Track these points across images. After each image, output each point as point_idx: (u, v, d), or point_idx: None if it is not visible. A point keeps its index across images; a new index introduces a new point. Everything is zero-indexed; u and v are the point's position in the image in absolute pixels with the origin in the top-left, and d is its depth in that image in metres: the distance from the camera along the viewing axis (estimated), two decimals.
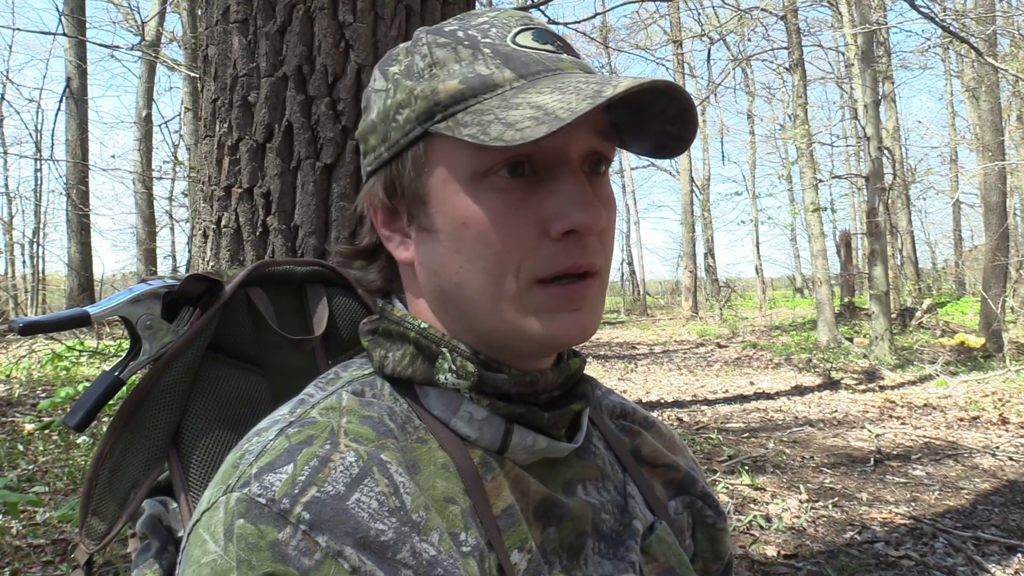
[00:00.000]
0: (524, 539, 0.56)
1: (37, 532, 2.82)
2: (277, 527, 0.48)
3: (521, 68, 0.55)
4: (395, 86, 0.59)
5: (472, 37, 0.57)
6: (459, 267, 0.56)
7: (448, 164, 0.56)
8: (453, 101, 0.55)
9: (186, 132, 11.29)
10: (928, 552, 2.91)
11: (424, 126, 0.56)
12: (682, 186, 20.21)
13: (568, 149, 0.55)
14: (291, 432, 0.54)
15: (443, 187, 0.56)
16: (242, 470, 0.52)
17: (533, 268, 0.54)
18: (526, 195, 0.55)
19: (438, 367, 0.59)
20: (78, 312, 0.71)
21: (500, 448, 0.59)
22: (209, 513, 0.51)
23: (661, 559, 0.64)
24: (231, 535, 0.48)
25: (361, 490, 0.50)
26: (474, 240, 0.55)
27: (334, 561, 0.47)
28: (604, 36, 18.82)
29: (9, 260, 16.63)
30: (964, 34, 8.73)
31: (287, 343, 0.81)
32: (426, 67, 0.57)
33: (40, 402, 4.85)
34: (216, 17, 1.36)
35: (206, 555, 0.48)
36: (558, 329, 0.56)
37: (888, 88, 15.41)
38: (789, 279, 32.46)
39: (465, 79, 0.55)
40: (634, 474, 0.69)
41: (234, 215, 1.28)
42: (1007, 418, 5.40)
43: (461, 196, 0.55)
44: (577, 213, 0.54)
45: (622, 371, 9.17)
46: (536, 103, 0.51)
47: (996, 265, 9.51)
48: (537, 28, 0.59)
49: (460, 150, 0.55)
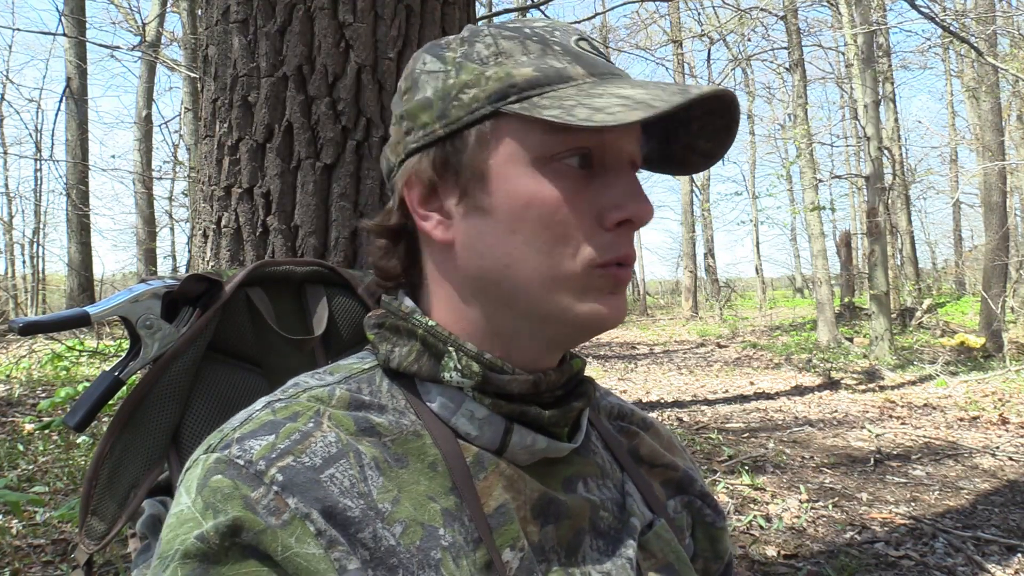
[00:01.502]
0: (516, 537, 0.57)
1: (37, 532, 2.82)
2: (251, 486, 0.50)
3: (590, 67, 0.58)
4: (456, 68, 0.59)
5: (540, 34, 0.60)
6: (513, 248, 0.57)
7: (515, 145, 0.57)
8: (529, 85, 0.57)
9: (186, 132, 11.29)
10: (928, 552, 2.91)
11: (495, 105, 0.57)
12: (682, 186, 20.22)
13: (624, 148, 0.59)
14: (277, 407, 0.56)
15: (506, 167, 0.57)
16: (225, 433, 0.54)
17: (592, 253, 0.57)
18: (586, 184, 0.57)
19: (443, 365, 0.59)
20: (78, 312, 0.71)
21: (499, 448, 0.59)
22: (189, 471, 0.53)
23: (659, 556, 0.65)
24: (203, 488, 0.51)
25: (336, 467, 0.53)
26: (535, 222, 0.56)
27: (301, 523, 0.50)
28: (604, 36, 18.82)
29: (9, 260, 16.65)
30: (964, 34, 8.73)
31: (287, 343, 0.81)
32: (491, 55, 0.59)
33: (40, 402, 4.85)
34: (216, 17, 1.36)
35: (177, 506, 0.51)
36: (603, 311, 0.58)
37: (888, 88, 15.41)
38: (789, 279, 32.46)
39: (540, 68, 0.57)
40: (632, 473, 0.70)
41: (234, 215, 1.28)
42: (1007, 418, 5.40)
43: (525, 178, 0.57)
44: (634, 205, 0.57)
45: (622, 371, 9.17)
46: (621, 94, 0.54)
47: (996, 265, 9.51)
48: (592, 40, 0.63)
49: (530, 132, 0.57)
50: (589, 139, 0.56)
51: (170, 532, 0.50)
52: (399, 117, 0.63)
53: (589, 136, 0.56)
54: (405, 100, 0.63)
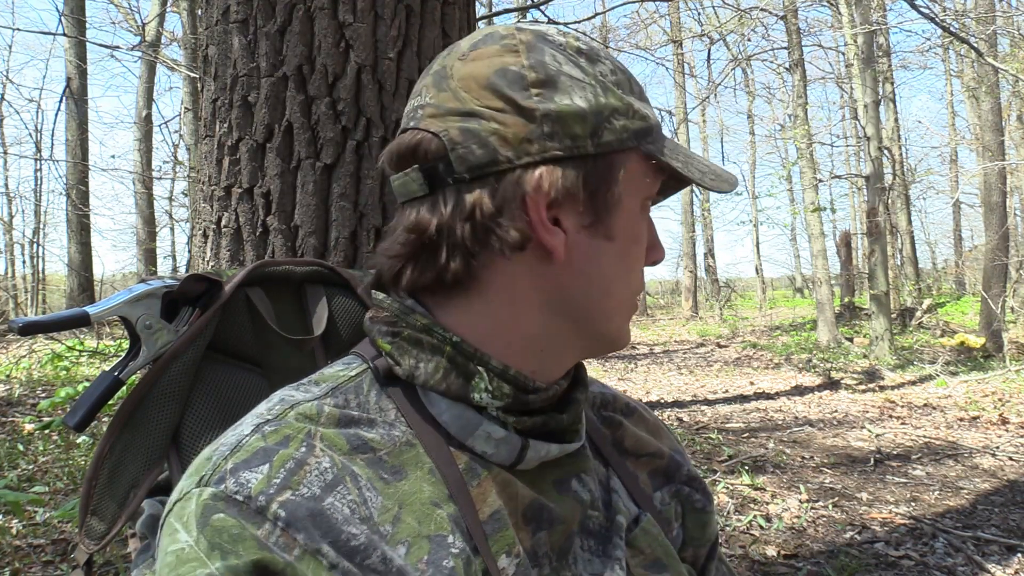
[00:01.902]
0: (511, 544, 0.56)
1: (37, 532, 2.82)
2: (256, 524, 0.49)
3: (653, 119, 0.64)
4: (601, 87, 0.59)
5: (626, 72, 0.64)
6: (618, 276, 0.62)
7: (637, 183, 0.62)
8: (652, 131, 0.62)
9: (186, 132, 11.29)
10: (928, 552, 2.91)
11: (638, 142, 0.61)
12: None
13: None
14: (267, 431, 0.54)
15: (630, 200, 0.62)
16: (216, 463, 0.52)
17: (639, 283, 0.65)
18: None
19: (474, 385, 0.58)
20: (78, 312, 0.71)
21: (514, 462, 0.59)
22: (181, 504, 0.52)
23: (647, 551, 0.65)
24: (204, 527, 0.49)
25: (335, 495, 0.52)
26: (636, 256, 0.64)
27: (313, 558, 0.49)
28: (604, 36, 18.81)
29: (9, 260, 16.65)
30: (964, 34, 8.73)
31: (286, 343, 0.81)
32: (614, 82, 0.61)
33: (40, 402, 4.85)
34: (216, 17, 1.36)
35: (174, 543, 0.49)
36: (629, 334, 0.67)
37: (888, 88, 15.41)
38: (789, 279, 32.46)
39: (645, 112, 0.63)
40: (617, 467, 0.70)
41: (234, 215, 1.28)
42: (1007, 418, 5.40)
43: (638, 214, 0.63)
44: (662, 248, 0.68)
45: (622, 371, 9.17)
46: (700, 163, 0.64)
47: (996, 265, 9.51)
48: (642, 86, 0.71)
49: (647, 174, 0.62)
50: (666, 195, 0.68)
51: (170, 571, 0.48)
52: (540, 115, 0.56)
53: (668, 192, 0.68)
54: (540, 97, 0.56)
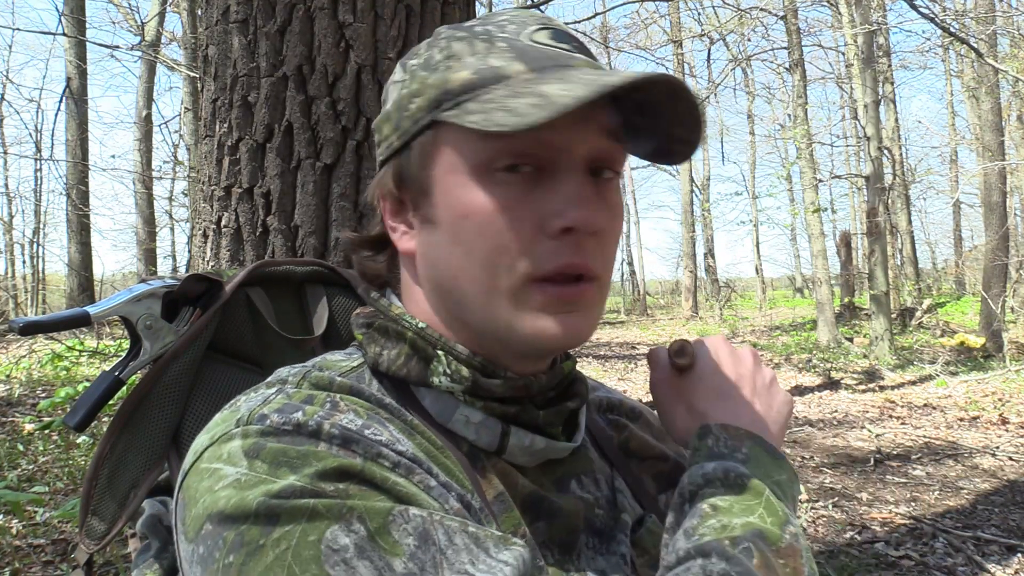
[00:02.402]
0: (517, 524, 0.57)
1: (37, 532, 2.82)
2: (313, 443, 0.49)
3: (533, 62, 0.55)
4: (411, 77, 0.60)
5: (489, 31, 0.58)
6: (457, 259, 0.56)
7: (454, 154, 0.56)
8: (463, 90, 0.55)
9: (186, 132, 11.28)
10: (928, 552, 2.91)
11: (432, 114, 0.56)
12: (682, 186, 20.22)
13: (572, 148, 0.55)
14: (290, 391, 0.55)
15: (447, 178, 0.56)
16: (250, 409, 0.52)
17: (528, 265, 0.54)
18: (527, 191, 0.55)
19: (432, 369, 0.59)
20: (78, 312, 0.71)
21: (498, 450, 0.59)
22: (216, 446, 0.51)
23: (652, 551, 0.65)
24: (257, 454, 0.48)
25: (371, 430, 0.52)
26: (473, 233, 0.55)
27: (375, 462, 0.49)
28: (604, 36, 18.82)
29: (9, 260, 16.65)
30: (964, 34, 8.73)
31: (287, 343, 0.80)
32: (442, 59, 0.58)
33: (40, 402, 4.85)
34: (216, 17, 1.36)
35: (222, 479, 0.48)
36: (550, 330, 0.55)
37: (888, 88, 15.41)
38: (789, 279, 32.46)
39: (477, 70, 0.55)
40: (622, 469, 0.70)
41: (234, 215, 1.28)
42: (1007, 418, 5.40)
43: (464, 188, 0.55)
44: (575, 211, 0.53)
45: (622, 371, 9.17)
46: (541, 91, 0.51)
47: (996, 265, 9.51)
48: (555, 28, 0.60)
49: (467, 140, 0.55)
50: (527, 142, 0.53)
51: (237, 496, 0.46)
52: (375, 129, 0.64)
53: (526, 139, 0.53)
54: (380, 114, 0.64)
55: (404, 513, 0.46)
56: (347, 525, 0.45)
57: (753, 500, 0.54)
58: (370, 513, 0.46)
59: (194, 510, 0.48)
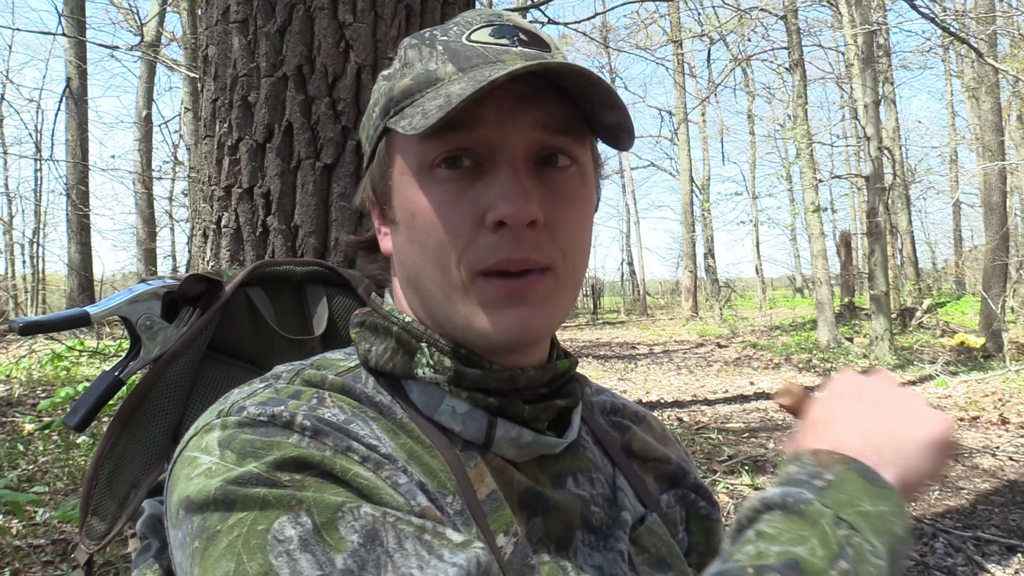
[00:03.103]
0: (509, 523, 0.57)
1: (37, 532, 2.82)
2: (285, 435, 0.50)
3: (462, 62, 0.57)
4: (377, 87, 0.63)
5: (433, 36, 0.60)
6: (415, 257, 0.59)
7: (402, 158, 0.59)
8: (403, 96, 0.58)
9: (186, 132, 11.28)
10: (928, 552, 2.91)
11: (383, 121, 0.60)
12: (682, 186, 20.22)
13: (506, 142, 0.56)
14: (279, 386, 0.56)
15: (400, 179, 0.60)
16: (233, 401, 0.54)
17: (471, 260, 0.56)
18: (466, 187, 0.56)
19: (416, 361, 0.60)
20: (78, 312, 0.71)
21: (485, 442, 0.59)
22: (198, 436, 0.53)
23: (652, 550, 0.65)
24: (228, 444, 0.50)
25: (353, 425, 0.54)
26: (421, 231, 0.57)
27: (344, 455, 0.50)
28: (604, 36, 18.83)
29: (9, 260, 16.66)
30: (964, 34, 8.73)
31: (287, 343, 0.80)
32: (398, 68, 0.61)
33: (40, 402, 4.84)
34: (216, 17, 1.36)
35: (197, 467, 0.50)
36: (502, 323, 0.56)
37: (888, 88, 15.41)
38: (789, 279, 32.46)
39: (415, 76, 0.58)
40: (624, 468, 0.70)
41: (234, 215, 1.28)
42: (1007, 418, 5.40)
43: (411, 188, 0.58)
44: (503, 205, 0.54)
45: (622, 371, 9.17)
46: (447, 92, 0.54)
47: (996, 265, 9.51)
48: (500, 24, 0.60)
49: (409, 143, 0.58)
50: (460, 140, 0.55)
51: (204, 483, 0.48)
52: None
53: (458, 137, 0.55)
54: None
55: (355, 510, 0.47)
56: (295, 517, 0.46)
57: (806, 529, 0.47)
58: (319, 506, 0.46)
59: (173, 496, 0.51)
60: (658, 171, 30.71)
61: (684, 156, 20.08)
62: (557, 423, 0.65)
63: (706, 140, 25.62)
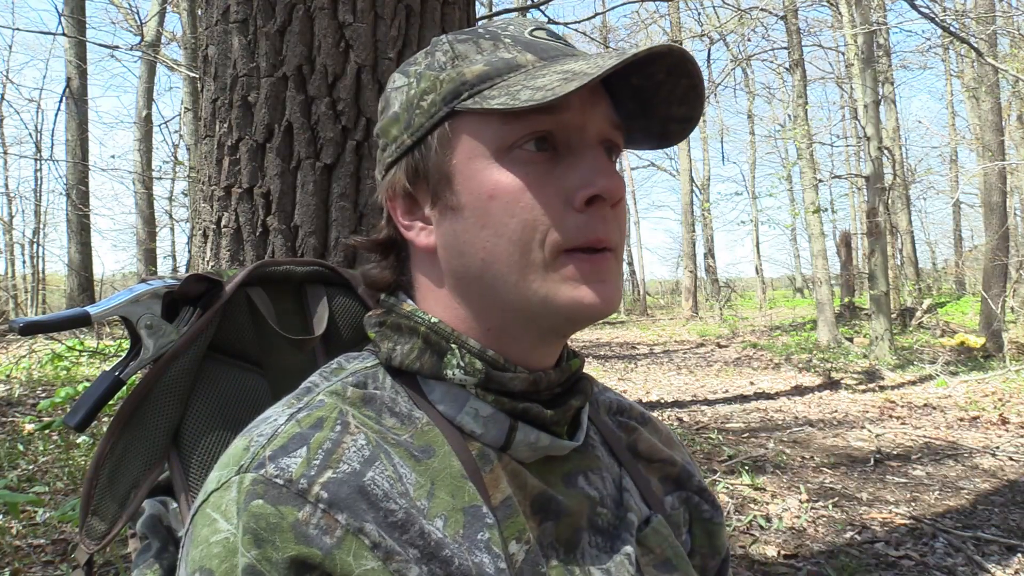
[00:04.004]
0: (522, 530, 0.57)
1: (37, 532, 2.82)
2: (296, 507, 0.49)
3: (542, 52, 0.59)
4: (418, 79, 0.62)
5: (492, 31, 0.61)
6: (486, 242, 0.57)
7: (474, 140, 0.58)
8: (479, 80, 0.58)
9: (186, 132, 11.28)
10: (928, 552, 2.91)
11: (451, 105, 0.58)
12: (682, 186, 20.21)
13: (587, 126, 0.58)
14: (300, 416, 0.56)
15: (469, 163, 0.58)
16: (254, 452, 0.53)
17: (558, 238, 0.56)
18: (550, 168, 0.57)
19: (446, 362, 0.60)
20: (78, 312, 0.71)
21: (504, 445, 0.59)
22: (219, 492, 0.52)
23: (657, 551, 0.65)
24: (242, 511, 0.49)
25: (374, 469, 0.53)
26: (501, 212, 0.56)
27: (355, 538, 0.49)
28: (604, 36, 18.83)
29: (9, 260, 16.65)
30: (964, 34, 8.73)
31: (287, 343, 0.80)
32: (448, 60, 0.61)
33: (40, 402, 4.84)
34: (216, 17, 1.36)
35: (216, 533, 0.50)
36: (587, 298, 0.57)
37: (888, 88, 15.41)
38: (789, 279, 32.45)
39: (490, 62, 0.58)
40: (630, 469, 0.70)
41: (234, 215, 1.28)
42: (1007, 418, 5.40)
43: (488, 170, 0.57)
44: (601, 179, 0.56)
45: (622, 371, 9.17)
46: (563, 69, 0.55)
47: (996, 265, 9.51)
48: (549, 29, 0.63)
49: (487, 125, 0.57)
50: (546, 122, 0.56)
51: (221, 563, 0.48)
52: (376, 137, 0.66)
53: (546, 119, 0.56)
54: (379, 121, 0.66)
55: None
56: None
57: None
58: None
59: (193, 553, 0.51)
60: (658, 171, 30.70)
61: (684, 156, 20.08)
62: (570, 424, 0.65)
63: (706, 140, 25.63)
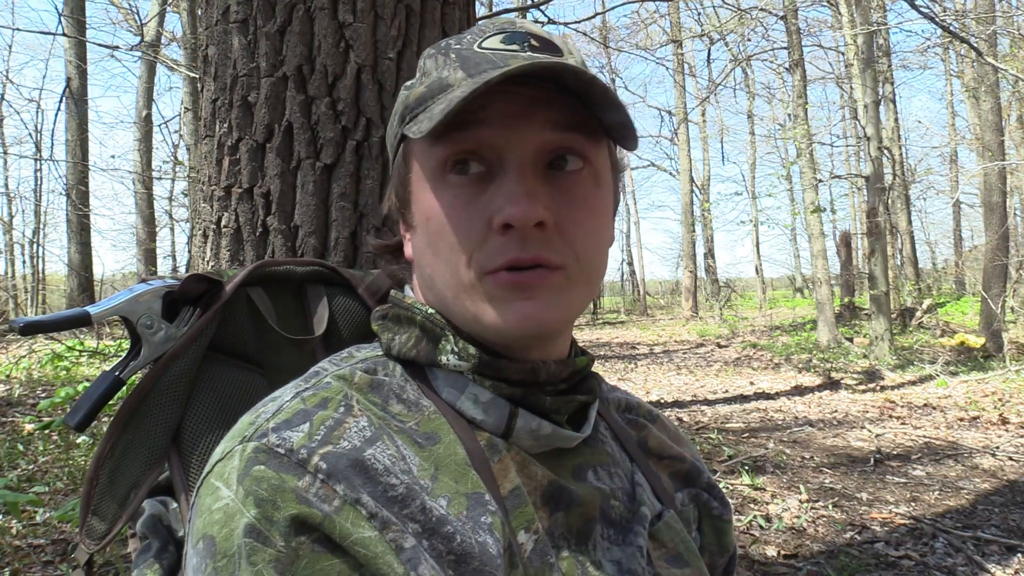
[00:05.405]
0: (531, 520, 0.57)
1: (37, 532, 2.82)
2: (296, 475, 0.50)
3: (472, 68, 0.58)
4: (398, 100, 0.65)
5: (448, 45, 0.62)
6: (431, 260, 0.60)
7: (418, 163, 0.61)
8: (417, 103, 0.60)
9: (186, 132, 11.27)
10: (928, 552, 2.91)
11: (400, 128, 0.62)
12: (682, 186, 20.20)
13: (513, 144, 0.56)
14: (306, 395, 0.56)
15: (417, 185, 0.61)
16: (259, 424, 0.54)
17: (480, 260, 0.56)
18: (479, 191, 0.57)
19: (441, 348, 0.61)
20: (78, 312, 0.71)
21: (505, 432, 0.60)
22: (223, 462, 0.52)
23: (669, 545, 0.65)
24: (243, 477, 0.50)
25: (375, 448, 0.53)
26: (434, 234, 0.59)
27: (352, 508, 0.49)
28: (604, 36, 18.83)
29: (9, 260, 16.65)
30: (964, 34, 8.73)
31: (288, 343, 0.81)
32: (418, 78, 0.63)
33: (40, 402, 4.84)
34: (216, 17, 1.36)
35: (218, 501, 0.50)
36: (511, 316, 0.56)
37: (888, 88, 15.40)
38: (789, 279, 32.44)
39: (430, 83, 0.60)
40: (641, 464, 0.70)
41: (234, 215, 1.28)
42: (1007, 418, 5.40)
43: (425, 192, 0.60)
44: (509, 207, 0.54)
45: (622, 371, 9.17)
46: (452, 96, 0.55)
47: (996, 265, 9.50)
48: (512, 32, 0.61)
49: (423, 149, 0.60)
50: (467, 144, 0.57)
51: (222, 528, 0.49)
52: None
53: (466, 141, 0.56)
54: None
55: None
56: None
57: None
58: None
59: (197, 522, 0.51)
60: (658, 171, 30.71)
61: (684, 156, 20.08)
62: (575, 418, 0.65)
63: (706, 140, 25.61)
